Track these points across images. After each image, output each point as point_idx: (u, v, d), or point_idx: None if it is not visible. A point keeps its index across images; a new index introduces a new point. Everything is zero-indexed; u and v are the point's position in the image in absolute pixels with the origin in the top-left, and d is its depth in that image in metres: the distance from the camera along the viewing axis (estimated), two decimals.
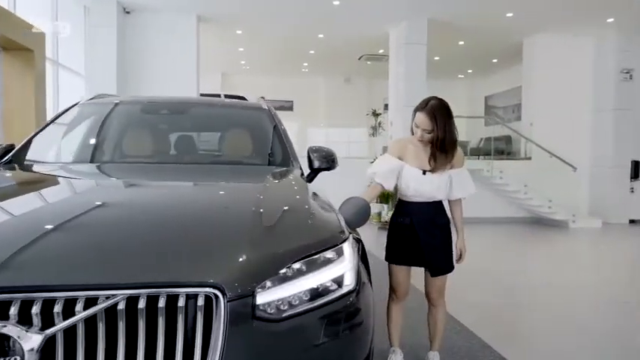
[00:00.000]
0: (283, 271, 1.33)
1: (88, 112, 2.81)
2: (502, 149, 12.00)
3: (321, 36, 10.82)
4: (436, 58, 12.61)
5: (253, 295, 1.23)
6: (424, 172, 2.42)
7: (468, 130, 13.44)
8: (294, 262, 1.36)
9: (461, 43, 11.37)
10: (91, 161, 2.39)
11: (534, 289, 4.84)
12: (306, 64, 13.97)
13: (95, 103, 2.90)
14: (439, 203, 2.53)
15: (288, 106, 16.14)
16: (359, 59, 12.99)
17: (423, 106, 2.37)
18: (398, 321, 2.69)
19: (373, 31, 10.21)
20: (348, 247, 1.53)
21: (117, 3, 8.70)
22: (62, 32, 8.32)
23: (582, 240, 8.56)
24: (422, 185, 2.44)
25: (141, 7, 9.04)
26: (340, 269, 1.46)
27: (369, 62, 13.27)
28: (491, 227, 9.09)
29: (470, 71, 15.22)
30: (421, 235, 2.47)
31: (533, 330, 3.59)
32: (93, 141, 2.55)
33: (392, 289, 2.65)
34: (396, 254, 2.56)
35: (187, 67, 9.35)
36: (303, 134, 14.71)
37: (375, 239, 7.89)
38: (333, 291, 1.41)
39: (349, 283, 1.47)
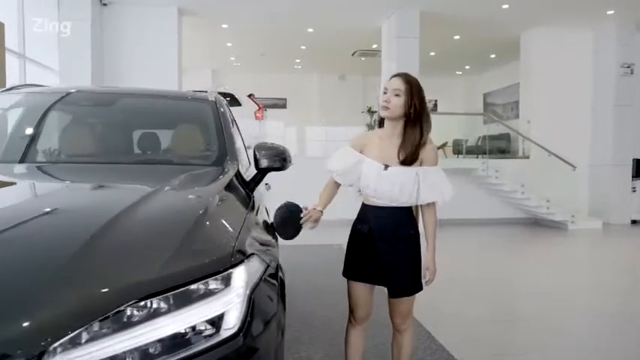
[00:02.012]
0: (123, 311, 0.92)
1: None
2: (501, 148, 11.57)
3: (310, 30, 10.40)
4: (432, 53, 12.19)
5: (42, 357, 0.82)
6: (386, 168, 1.97)
7: (466, 128, 12.99)
8: (142, 299, 0.96)
9: (456, 37, 10.95)
10: None
11: (528, 299, 4.43)
12: (298, 60, 13.58)
13: (5, 94, 2.49)
14: (406, 210, 2.04)
15: (281, 104, 15.75)
16: (352, 55, 12.59)
17: (398, 73, 2.05)
18: (358, 348, 2.23)
19: (365, 24, 9.80)
20: (240, 275, 1.14)
21: None
22: (63, 32, 8.00)
23: (582, 242, 8.12)
24: (381, 183, 1.98)
25: None
26: (219, 306, 1.07)
27: (363, 58, 12.88)
28: (485, 229, 8.68)
29: (467, 67, 14.79)
30: (380, 248, 2.02)
31: (524, 349, 3.17)
32: None
33: (350, 310, 2.21)
34: (353, 268, 2.13)
35: (168, 62, 8.93)
36: (300, 132, 14.33)
37: None
38: (206, 338, 1.02)
39: (231, 325, 1.07)
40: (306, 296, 4.19)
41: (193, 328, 1.02)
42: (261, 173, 2.37)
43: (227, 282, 1.11)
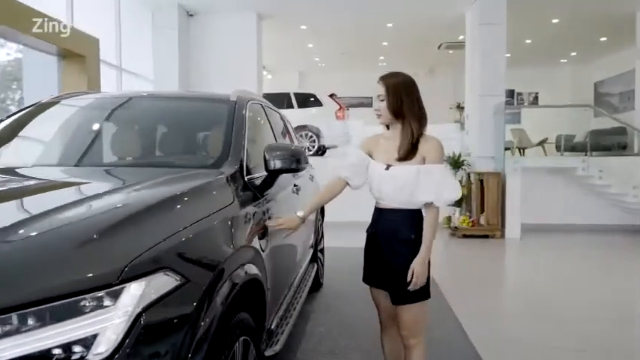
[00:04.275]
0: None
1: (36, 111, 2.56)
2: (615, 143, 10.16)
3: (389, 25, 10.07)
4: (527, 41, 11.15)
5: None
6: (387, 167, 1.97)
7: (573, 122, 11.62)
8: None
9: (555, 21, 9.82)
10: None
11: (626, 328, 3.63)
12: (382, 57, 13.27)
13: (50, 102, 2.66)
14: (411, 212, 1.97)
15: (367, 103, 15.51)
16: (439, 48, 11.96)
17: (380, 76, 2.06)
18: (395, 353, 2.19)
19: (448, 14, 9.20)
20: (132, 293, 1.02)
21: (179, 6, 8.85)
22: (156, 43, 8.74)
23: None
24: (384, 183, 1.98)
25: (203, 10, 9.13)
26: (93, 325, 0.96)
27: (450, 51, 12.18)
28: (585, 236, 7.61)
29: (574, 54, 13.24)
30: (384, 251, 2.01)
31: None
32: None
33: (379, 315, 2.21)
34: (368, 273, 2.13)
35: (248, 65, 9.25)
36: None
37: (443, 249, 7.02)
38: None
39: (103, 349, 0.95)
40: (349, 301, 3.97)
41: (58, 348, 0.93)
42: (272, 175, 2.27)
43: (111, 299, 0.99)
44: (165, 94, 2.76)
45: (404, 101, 1.95)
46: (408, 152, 1.92)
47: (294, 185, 2.92)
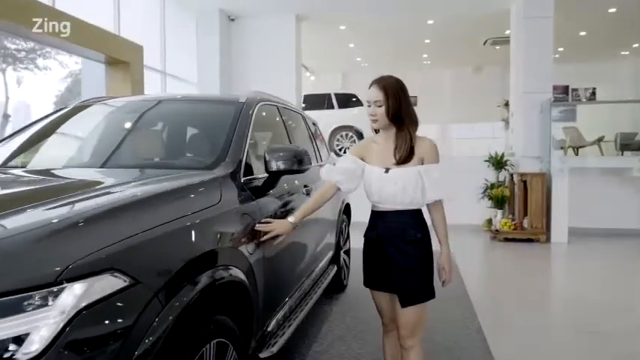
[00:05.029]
0: None
1: (61, 115, 2.73)
2: None
3: (430, 22, 9.82)
4: (582, 33, 10.51)
5: None
6: (386, 171, 1.98)
7: (636, 119, 10.83)
8: None
9: (612, 10, 9.18)
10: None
11: None
12: (425, 55, 12.98)
13: (75, 107, 2.82)
14: (413, 212, 2.01)
15: (412, 102, 15.27)
16: (484, 44, 11.53)
17: (373, 81, 2.05)
18: (392, 354, 2.21)
19: (491, 9, 8.84)
20: (72, 292, 1.05)
21: (220, 12, 9.10)
22: (200, 48, 9.08)
23: None
24: (385, 187, 1.98)
25: (244, 13, 9.34)
26: (26, 324, 1.00)
27: (497, 47, 11.69)
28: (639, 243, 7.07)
29: (636, 45, 12.33)
30: (389, 252, 2.00)
31: None
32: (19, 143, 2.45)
33: (381, 319, 2.24)
34: (368, 276, 2.14)
35: (287, 67, 9.36)
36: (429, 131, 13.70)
37: (482, 253, 6.76)
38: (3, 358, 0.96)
39: (33, 349, 0.98)
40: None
41: None
42: (272, 177, 2.28)
43: (48, 298, 1.02)
44: (176, 96, 2.85)
45: (402, 104, 1.96)
46: (407, 155, 1.94)
47: (305, 187, 2.91)
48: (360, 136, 11.05)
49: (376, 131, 2.07)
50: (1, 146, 2.48)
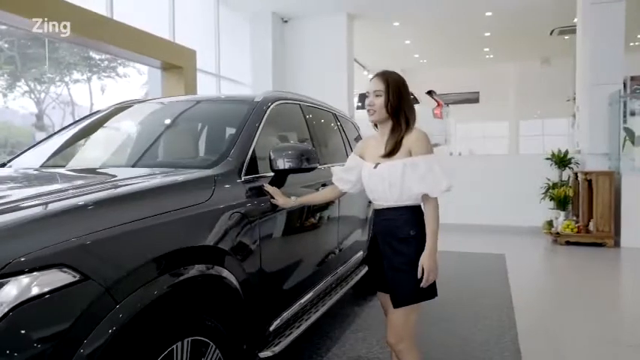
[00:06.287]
0: None
1: (95, 117, 2.90)
2: None
3: (489, 14, 9.36)
4: None
5: None
6: (375, 166, 1.95)
7: None
8: None
9: None
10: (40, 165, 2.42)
11: None
12: (487, 49, 12.40)
13: (108, 109, 2.99)
14: (408, 208, 1.92)
15: (473, 98, 14.69)
16: (550, 34, 10.81)
17: (376, 73, 2.02)
18: None
19: None
20: (11, 287, 1.08)
21: (272, 14, 9.27)
22: (254, 50, 9.38)
23: None
24: (374, 183, 1.96)
25: (296, 15, 9.45)
26: None
27: (566, 37, 10.91)
28: None
29: None
30: (382, 251, 1.97)
31: None
32: (52, 145, 2.62)
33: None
34: (371, 276, 2.12)
35: (339, 66, 9.35)
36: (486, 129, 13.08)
37: (539, 257, 6.33)
38: None
39: None
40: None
41: None
42: (278, 176, 2.26)
43: None
44: (196, 98, 2.91)
45: (402, 99, 1.92)
46: (393, 148, 1.89)
47: (323, 186, 2.87)
48: None
49: (376, 126, 2.02)
50: (39, 146, 2.68)
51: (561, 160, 7.29)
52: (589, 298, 4.29)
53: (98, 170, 2.24)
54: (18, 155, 2.62)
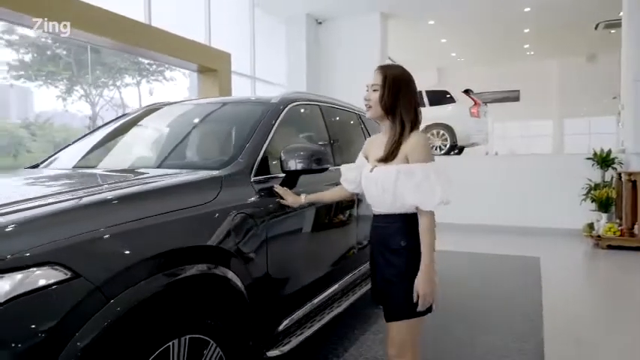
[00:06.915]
0: None
1: (123, 119, 3.05)
2: None
3: (527, 9, 9.06)
4: None
5: None
6: (372, 169, 1.83)
7: None
8: None
9: None
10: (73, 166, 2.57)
11: None
12: (527, 45, 12.00)
13: (135, 111, 3.14)
14: (402, 217, 1.77)
15: (513, 97, 14.25)
16: (595, 29, 10.34)
17: (378, 66, 1.90)
18: None
19: None
20: (4, 281, 1.15)
21: (307, 16, 9.36)
22: (290, 52, 9.54)
23: None
24: (369, 187, 1.85)
25: (330, 16, 9.51)
26: None
27: (612, 31, 10.41)
28: None
29: None
30: (377, 261, 1.87)
31: None
32: (84, 146, 2.78)
33: None
34: (372, 287, 2.00)
35: (372, 66, 9.22)
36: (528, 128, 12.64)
37: (578, 260, 6.07)
38: None
39: None
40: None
41: None
42: (289, 177, 2.28)
43: None
44: (218, 100, 2.99)
45: (400, 98, 1.77)
46: (390, 152, 1.76)
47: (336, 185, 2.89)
48: (452, 133, 10.59)
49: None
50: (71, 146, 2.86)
51: (604, 160, 6.97)
52: (629, 307, 4.06)
53: (106, 172, 2.32)
54: (50, 157, 2.80)
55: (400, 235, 1.76)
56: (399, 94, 1.77)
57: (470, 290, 4.33)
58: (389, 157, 1.75)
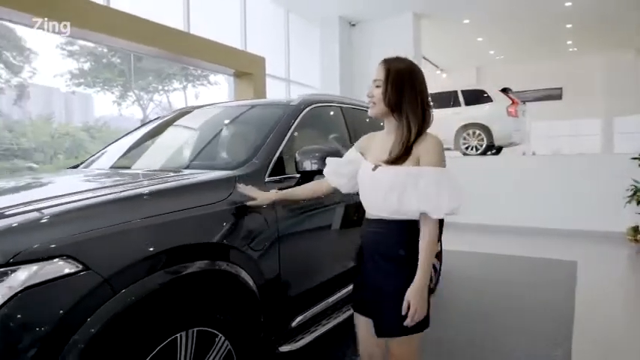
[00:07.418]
0: None
1: (155, 122, 3.24)
2: None
3: (568, 4, 8.76)
4: None
5: None
6: (374, 168, 1.67)
7: None
8: None
9: None
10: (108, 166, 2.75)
11: None
12: (569, 42, 11.57)
13: (165, 115, 3.33)
14: (402, 224, 1.63)
15: (555, 95, 13.75)
16: None
17: (382, 59, 1.73)
18: None
19: None
20: (20, 274, 1.25)
21: (340, 19, 9.43)
22: (323, 55, 9.67)
23: None
24: (369, 188, 1.70)
25: (363, 18, 9.54)
26: None
27: None
28: None
29: None
30: (368, 268, 1.71)
31: None
32: (118, 149, 2.97)
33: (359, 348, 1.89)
34: (353, 295, 1.85)
35: None
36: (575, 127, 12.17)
37: (618, 266, 5.79)
38: None
39: None
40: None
41: None
42: (304, 177, 2.27)
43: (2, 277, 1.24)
44: (243, 103, 3.10)
45: (405, 94, 1.63)
46: (401, 155, 1.61)
47: None
48: (489, 133, 10.38)
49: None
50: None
51: None
52: None
53: (134, 172, 2.44)
54: (89, 158, 3.01)
55: (400, 244, 1.63)
56: (403, 90, 1.63)
57: (492, 293, 4.26)
58: (399, 158, 1.61)
